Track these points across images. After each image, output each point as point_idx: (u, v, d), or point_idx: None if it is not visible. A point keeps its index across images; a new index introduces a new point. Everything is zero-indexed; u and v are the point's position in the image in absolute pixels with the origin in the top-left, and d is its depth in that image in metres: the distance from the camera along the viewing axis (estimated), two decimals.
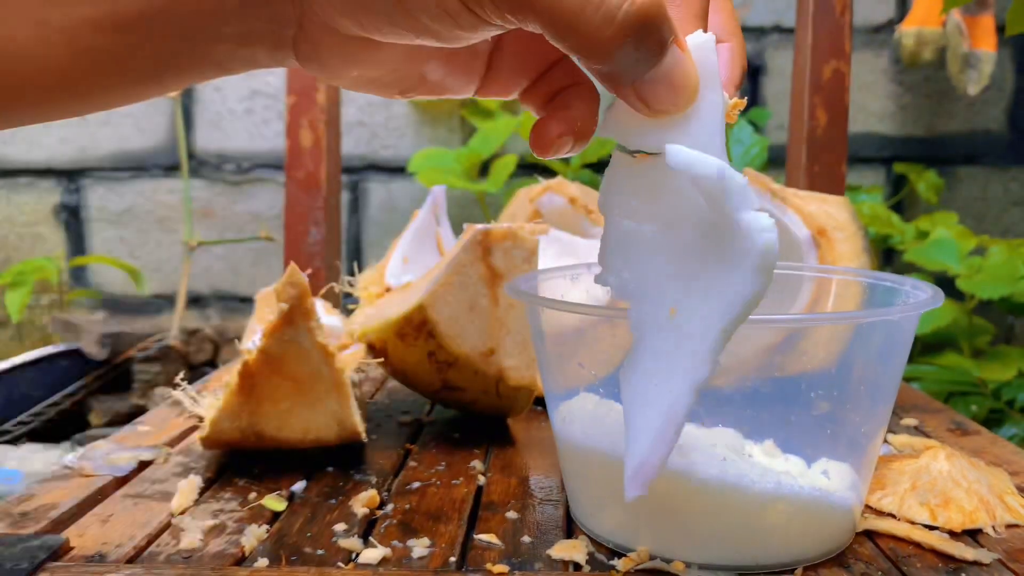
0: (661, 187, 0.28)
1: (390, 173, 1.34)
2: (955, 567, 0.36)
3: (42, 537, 0.37)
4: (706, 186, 0.26)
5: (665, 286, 0.28)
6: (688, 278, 0.27)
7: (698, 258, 0.27)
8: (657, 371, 0.28)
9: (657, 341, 0.28)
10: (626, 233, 0.29)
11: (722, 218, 0.26)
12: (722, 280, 0.27)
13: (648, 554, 0.36)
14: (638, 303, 0.29)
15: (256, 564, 0.36)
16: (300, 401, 0.45)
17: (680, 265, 0.28)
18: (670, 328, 0.28)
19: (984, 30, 1.10)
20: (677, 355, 0.27)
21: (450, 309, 0.50)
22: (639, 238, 0.28)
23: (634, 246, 0.29)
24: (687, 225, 0.27)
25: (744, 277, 0.26)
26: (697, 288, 0.27)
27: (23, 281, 1.21)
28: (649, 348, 0.28)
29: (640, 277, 0.29)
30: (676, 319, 0.28)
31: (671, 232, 0.28)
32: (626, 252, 0.29)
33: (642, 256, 0.28)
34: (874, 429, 0.37)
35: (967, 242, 1.02)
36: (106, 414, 1.12)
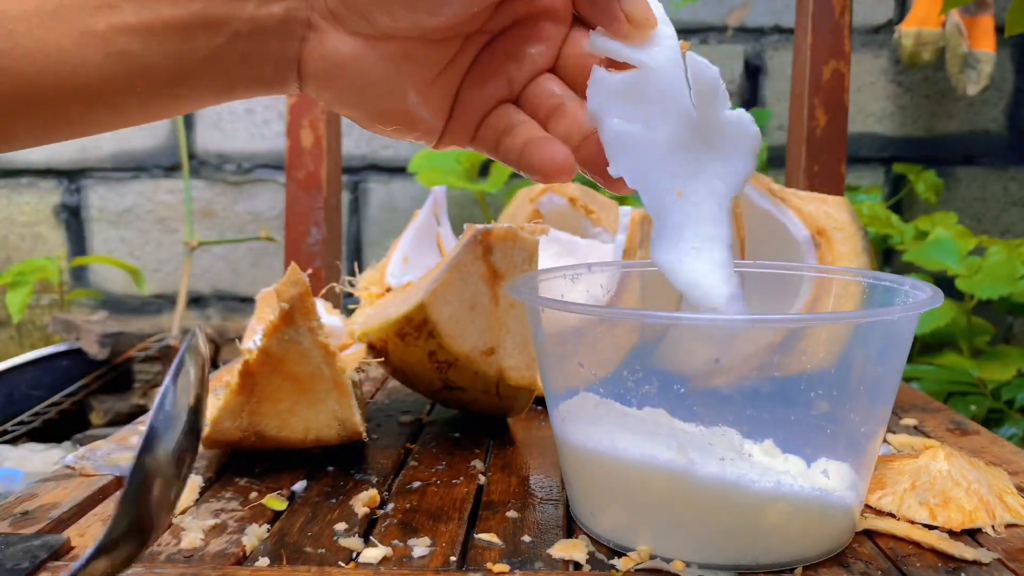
0: (646, 93, 0.33)
1: (390, 173, 1.34)
2: (955, 567, 0.36)
3: (43, 536, 0.37)
4: (707, 86, 0.33)
5: (666, 173, 0.33)
6: (686, 164, 0.33)
7: (692, 147, 0.33)
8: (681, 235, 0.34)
9: (673, 216, 0.33)
10: (621, 132, 0.33)
11: (710, 112, 0.33)
12: (720, 163, 0.33)
13: (648, 553, 0.36)
14: (646, 190, 0.33)
15: (257, 563, 0.36)
16: (301, 401, 0.45)
17: (677, 154, 0.33)
18: (680, 206, 0.33)
19: (983, 30, 1.11)
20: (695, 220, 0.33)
21: (451, 309, 0.50)
22: (634, 136, 0.33)
23: (631, 142, 0.33)
24: (674, 121, 0.33)
25: (743, 159, 0.34)
26: (697, 172, 0.33)
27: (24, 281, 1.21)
28: (669, 223, 0.34)
29: (643, 167, 0.33)
30: (684, 199, 0.33)
31: (661, 128, 0.33)
32: (625, 148, 0.33)
33: (640, 150, 0.33)
34: (874, 429, 0.37)
35: (966, 242, 1.02)
36: (107, 414, 1.12)
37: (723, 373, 0.36)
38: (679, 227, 0.33)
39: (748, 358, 0.36)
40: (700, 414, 0.37)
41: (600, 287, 0.49)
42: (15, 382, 1.10)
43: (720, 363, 0.36)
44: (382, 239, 1.34)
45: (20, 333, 1.37)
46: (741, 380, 0.36)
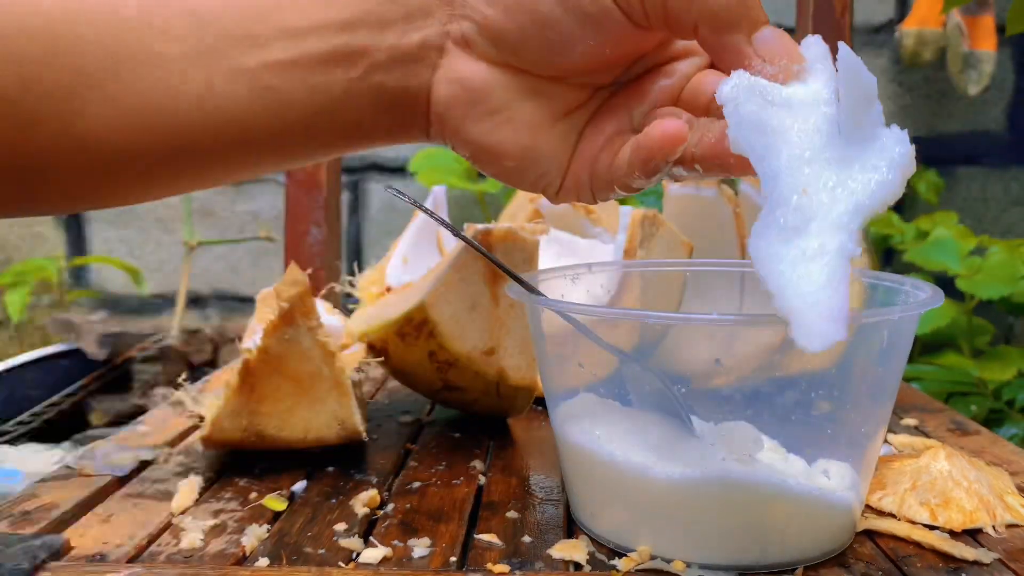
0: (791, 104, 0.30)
1: (390, 173, 1.34)
2: (955, 567, 0.36)
3: (43, 537, 0.37)
4: (861, 92, 0.29)
5: (798, 167, 0.30)
6: (823, 164, 0.29)
7: (833, 152, 0.30)
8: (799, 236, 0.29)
9: (789, 215, 0.29)
10: (755, 111, 0.30)
11: (860, 122, 0.29)
12: (861, 178, 0.29)
13: (649, 554, 0.36)
14: (771, 178, 0.30)
15: (257, 564, 0.36)
16: (301, 400, 0.45)
17: (814, 152, 0.30)
18: (804, 203, 0.29)
19: (984, 30, 1.11)
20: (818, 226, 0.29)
21: (451, 309, 0.50)
22: (771, 122, 0.30)
23: (767, 127, 0.30)
24: (821, 120, 0.30)
25: (891, 176, 0.29)
26: (832, 175, 0.29)
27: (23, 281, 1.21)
28: (779, 220, 0.29)
29: (773, 154, 0.30)
30: (808, 198, 0.29)
31: (804, 122, 0.30)
32: (755, 126, 0.30)
33: (776, 136, 0.30)
34: (874, 429, 0.37)
35: (967, 242, 1.02)
36: (106, 414, 1.12)
37: (723, 373, 0.36)
38: (797, 223, 0.29)
39: (748, 358, 0.36)
40: (702, 414, 0.37)
41: (600, 287, 0.49)
42: (15, 382, 1.10)
43: (720, 363, 0.36)
44: (382, 239, 1.34)
45: (20, 333, 1.37)
46: (742, 380, 0.36)
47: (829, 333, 0.27)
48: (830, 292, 0.28)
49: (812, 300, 0.28)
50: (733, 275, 0.50)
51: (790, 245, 0.29)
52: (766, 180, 0.30)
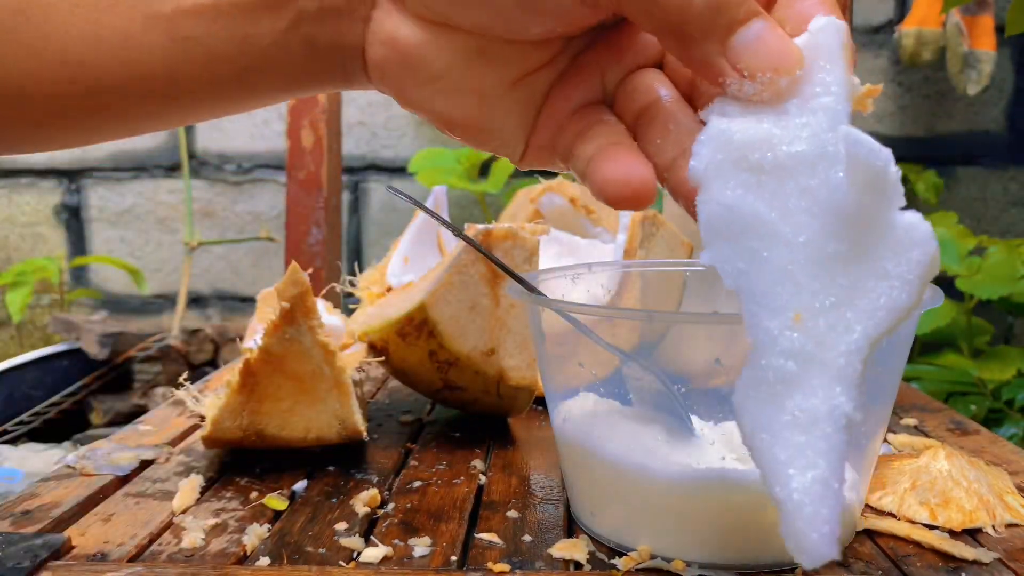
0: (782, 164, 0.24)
1: (391, 173, 1.34)
2: (955, 566, 0.36)
3: (44, 536, 0.37)
4: (868, 174, 0.23)
5: (787, 285, 0.24)
6: (819, 278, 0.23)
7: (834, 256, 0.23)
8: (791, 393, 0.23)
9: (781, 357, 0.24)
10: (732, 206, 0.24)
11: (870, 211, 0.23)
12: (869, 287, 0.23)
13: (649, 553, 0.36)
14: (752, 303, 0.24)
15: (258, 563, 0.36)
16: (301, 400, 0.45)
17: (808, 262, 0.23)
18: (796, 340, 0.23)
19: (984, 30, 1.11)
20: (815, 374, 0.23)
21: (451, 309, 0.50)
22: (752, 223, 0.24)
23: (746, 230, 0.24)
24: (819, 215, 0.23)
25: (905, 285, 0.23)
26: (832, 293, 0.23)
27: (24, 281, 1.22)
28: (775, 364, 0.24)
29: (754, 269, 0.24)
30: (802, 327, 0.23)
31: (792, 221, 0.24)
32: (736, 235, 0.24)
33: (756, 245, 0.24)
34: (874, 428, 0.37)
35: (966, 242, 1.02)
36: (107, 414, 1.12)
37: (723, 373, 0.36)
38: (788, 373, 0.23)
39: None
40: (702, 413, 0.37)
41: (601, 287, 0.49)
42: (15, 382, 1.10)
43: (720, 363, 0.36)
44: (382, 239, 1.34)
45: (20, 333, 1.37)
46: None
47: (818, 552, 0.23)
48: (818, 495, 0.23)
49: (798, 503, 0.23)
50: None
51: (779, 407, 0.23)
52: (749, 308, 0.24)
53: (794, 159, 0.24)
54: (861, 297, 0.23)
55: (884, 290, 0.23)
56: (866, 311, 0.23)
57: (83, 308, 1.38)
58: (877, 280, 0.23)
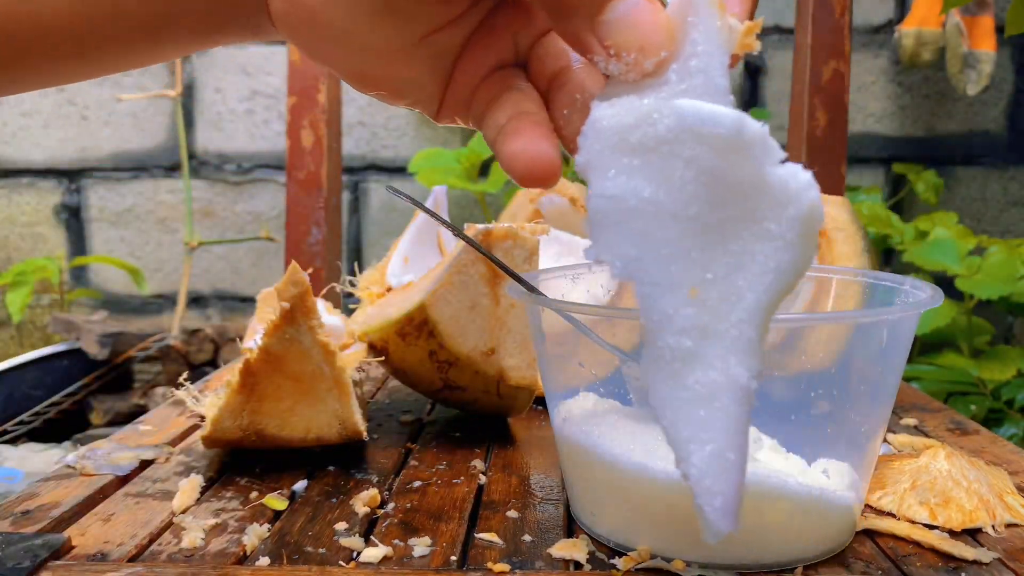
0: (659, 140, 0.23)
1: (390, 173, 1.34)
2: (955, 566, 0.36)
3: (44, 536, 0.37)
4: (721, 144, 0.22)
5: (680, 262, 0.23)
6: (709, 250, 0.23)
7: (719, 226, 0.23)
8: (689, 368, 0.23)
9: (678, 335, 0.23)
10: (614, 197, 0.23)
11: (745, 177, 0.23)
12: (756, 251, 0.23)
13: (649, 553, 0.36)
14: (646, 285, 0.24)
15: (258, 563, 0.36)
16: (301, 400, 0.45)
17: (697, 236, 0.23)
18: (693, 314, 0.23)
19: (983, 30, 1.11)
20: (710, 347, 0.23)
21: (451, 309, 0.50)
22: (639, 205, 0.23)
23: (633, 214, 0.23)
24: (705, 183, 0.23)
25: (792, 243, 0.23)
26: (723, 263, 0.23)
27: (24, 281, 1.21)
28: (671, 343, 0.23)
29: (646, 252, 0.23)
30: (698, 301, 0.23)
31: (680, 195, 0.23)
32: (623, 222, 0.23)
33: (646, 227, 0.23)
34: (874, 428, 0.37)
35: (966, 242, 1.02)
36: (107, 414, 1.12)
37: None
38: (687, 349, 0.23)
39: None
40: None
41: (601, 287, 0.49)
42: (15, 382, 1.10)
43: None
44: (382, 239, 1.34)
45: (20, 333, 1.37)
46: None
47: (714, 525, 0.23)
48: (715, 469, 0.23)
49: (697, 478, 0.23)
50: None
51: (680, 384, 0.23)
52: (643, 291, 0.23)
53: (674, 131, 0.23)
54: (751, 262, 0.23)
55: (770, 252, 0.23)
56: (756, 275, 0.23)
57: (83, 308, 1.38)
58: (764, 242, 0.23)
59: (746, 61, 1.28)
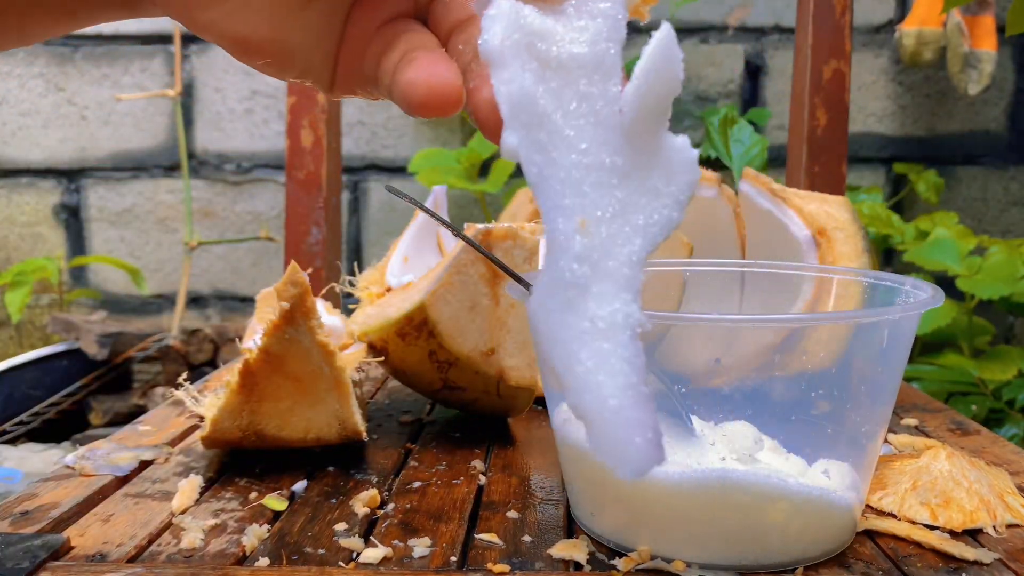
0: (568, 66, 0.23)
1: (390, 173, 1.34)
2: (956, 567, 0.36)
3: (43, 536, 0.37)
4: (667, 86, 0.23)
5: (573, 190, 0.23)
6: (598, 189, 0.23)
7: (609, 169, 0.23)
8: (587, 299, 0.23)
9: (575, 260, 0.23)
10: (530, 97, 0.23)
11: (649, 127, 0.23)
12: (642, 204, 0.24)
13: (649, 554, 0.36)
14: (547, 199, 0.23)
15: (257, 564, 0.36)
16: (301, 400, 0.45)
17: (589, 171, 0.23)
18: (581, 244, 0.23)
19: (984, 30, 1.11)
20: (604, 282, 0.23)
21: (451, 309, 0.50)
22: (543, 117, 0.23)
23: (539, 120, 0.23)
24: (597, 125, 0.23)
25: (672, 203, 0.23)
26: (610, 205, 0.23)
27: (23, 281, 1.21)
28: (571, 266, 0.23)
29: (546, 168, 0.23)
30: (587, 233, 0.23)
31: (573, 125, 0.23)
32: (532, 124, 0.23)
33: (548, 140, 0.23)
34: (874, 429, 0.37)
35: (967, 242, 1.02)
36: (106, 414, 1.12)
37: (724, 373, 0.36)
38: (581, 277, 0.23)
39: (749, 358, 0.36)
40: (702, 414, 0.37)
41: None
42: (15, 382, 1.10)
43: (721, 363, 0.36)
44: (382, 239, 1.34)
45: (19, 333, 1.37)
46: (742, 380, 0.36)
47: (644, 458, 0.22)
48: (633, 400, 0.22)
49: (615, 408, 0.22)
50: (733, 275, 0.50)
51: (577, 313, 0.23)
52: (544, 204, 0.23)
53: (575, 61, 0.23)
54: (635, 212, 0.24)
55: (657, 207, 0.24)
56: (642, 226, 0.24)
57: (82, 308, 1.38)
58: (650, 197, 0.24)
59: (747, 60, 1.27)
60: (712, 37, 1.27)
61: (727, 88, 1.27)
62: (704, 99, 1.27)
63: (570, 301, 0.23)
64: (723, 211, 0.63)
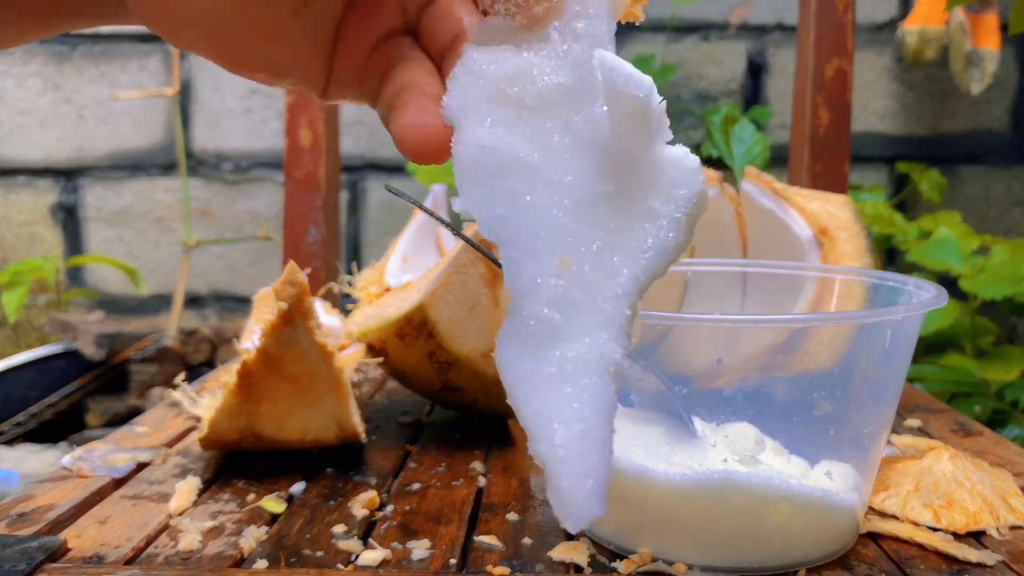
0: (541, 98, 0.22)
1: (389, 172, 1.33)
2: (959, 569, 0.35)
3: (40, 538, 0.37)
4: (628, 105, 0.21)
5: (551, 230, 0.22)
6: (585, 222, 0.22)
7: (598, 199, 0.22)
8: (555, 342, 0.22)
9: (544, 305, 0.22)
10: (488, 148, 0.22)
11: (634, 150, 0.22)
12: (636, 228, 0.22)
13: (650, 556, 0.36)
14: (512, 249, 0.22)
15: (255, 566, 0.36)
16: (299, 401, 0.45)
17: (573, 206, 0.22)
18: (560, 286, 0.22)
19: (987, 28, 1.10)
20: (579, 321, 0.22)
21: (450, 309, 0.49)
22: (512, 163, 0.22)
23: (505, 171, 0.22)
24: (584, 153, 0.22)
25: (674, 223, 0.22)
26: (600, 237, 0.22)
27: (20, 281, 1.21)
28: (536, 313, 0.22)
29: (515, 215, 0.22)
30: (568, 273, 0.22)
31: (556, 161, 0.22)
32: (495, 177, 0.22)
33: (517, 186, 0.22)
34: (877, 430, 0.37)
35: (970, 242, 1.02)
36: (103, 415, 1.12)
37: (725, 374, 0.36)
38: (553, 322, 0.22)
39: (751, 359, 0.36)
40: (703, 415, 0.37)
41: None
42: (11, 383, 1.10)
43: (722, 364, 0.35)
44: (381, 238, 1.33)
45: (16, 333, 1.37)
46: (744, 381, 0.35)
47: (582, 509, 0.21)
48: (584, 448, 0.21)
49: (563, 459, 0.21)
50: (735, 275, 0.49)
51: (543, 359, 0.22)
52: (509, 255, 0.22)
53: (556, 92, 0.22)
54: (629, 239, 0.22)
55: (651, 231, 0.22)
56: (633, 253, 0.22)
57: (79, 308, 1.38)
58: (644, 221, 0.22)
59: (748, 59, 1.27)
60: (713, 35, 1.27)
61: (729, 87, 1.27)
62: (706, 98, 1.27)
63: (538, 346, 0.22)
64: (725, 210, 0.62)
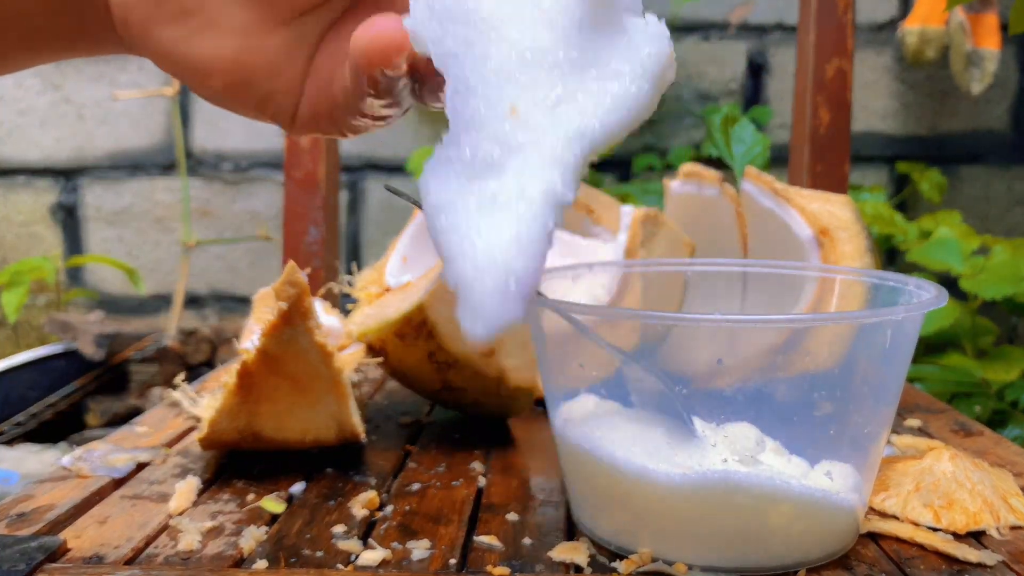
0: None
1: (389, 172, 1.33)
2: (959, 569, 0.35)
3: (39, 538, 0.37)
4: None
5: (504, 81, 0.21)
6: (545, 71, 0.22)
7: (563, 62, 0.22)
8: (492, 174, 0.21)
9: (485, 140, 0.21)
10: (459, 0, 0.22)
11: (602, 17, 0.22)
12: (595, 88, 0.22)
13: (650, 556, 0.36)
14: (461, 83, 0.22)
15: (255, 566, 0.36)
16: (299, 401, 0.45)
17: (531, 66, 0.22)
18: (507, 130, 0.21)
19: (988, 28, 1.10)
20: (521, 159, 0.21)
21: (450, 309, 0.49)
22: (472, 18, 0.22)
23: (463, 20, 0.22)
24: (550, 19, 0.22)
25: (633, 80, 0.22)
26: (555, 92, 0.22)
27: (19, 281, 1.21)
28: (465, 152, 0.21)
29: (468, 58, 0.22)
30: (517, 119, 0.21)
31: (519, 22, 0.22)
32: (453, 21, 0.22)
33: (472, 36, 0.22)
34: (877, 430, 0.37)
35: (970, 242, 1.02)
36: (103, 415, 1.11)
37: (726, 374, 0.35)
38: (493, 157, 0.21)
39: (751, 359, 0.36)
40: (704, 415, 0.37)
41: (601, 287, 0.49)
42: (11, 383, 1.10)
43: (723, 364, 0.35)
44: (381, 238, 1.33)
45: (16, 333, 1.37)
46: (744, 381, 0.35)
47: (495, 312, 0.20)
48: (509, 252, 0.20)
49: (481, 265, 0.20)
50: (735, 275, 0.49)
51: (476, 187, 0.21)
52: (454, 91, 0.22)
53: None
54: (588, 98, 0.22)
55: (613, 87, 0.22)
56: (593, 100, 0.22)
57: (79, 308, 1.38)
58: (607, 80, 0.22)
59: (749, 59, 1.27)
60: (714, 35, 1.26)
61: (729, 86, 1.27)
62: (706, 97, 1.27)
63: (474, 176, 0.21)
64: (725, 210, 0.62)
